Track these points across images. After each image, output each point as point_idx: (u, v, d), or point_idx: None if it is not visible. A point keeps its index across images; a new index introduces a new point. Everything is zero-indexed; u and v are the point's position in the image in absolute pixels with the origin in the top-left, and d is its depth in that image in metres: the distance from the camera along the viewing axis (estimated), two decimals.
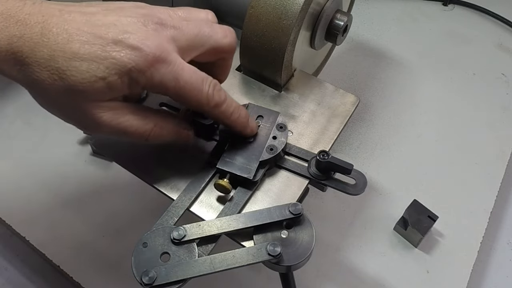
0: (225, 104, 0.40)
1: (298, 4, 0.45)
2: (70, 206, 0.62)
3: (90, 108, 0.35)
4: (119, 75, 0.34)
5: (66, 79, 0.33)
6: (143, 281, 0.36)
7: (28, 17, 0.33)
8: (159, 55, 0.35)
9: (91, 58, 0.33)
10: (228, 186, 0.41)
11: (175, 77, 0.36)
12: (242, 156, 0.43)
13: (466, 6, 0.89)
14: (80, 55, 0.33)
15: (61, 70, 0.33)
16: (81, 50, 0.33)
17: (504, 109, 0.75)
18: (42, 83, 0.33)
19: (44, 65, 0.33)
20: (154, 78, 0.35)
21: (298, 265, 0.39)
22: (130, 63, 0.34)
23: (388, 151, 0.69)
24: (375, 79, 0.77)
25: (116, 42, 0.34)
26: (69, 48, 0.33)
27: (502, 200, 0.67)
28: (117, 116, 0.36)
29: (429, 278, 0.58)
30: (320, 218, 0.62)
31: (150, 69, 0.35)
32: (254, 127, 0.44)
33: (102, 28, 0.34)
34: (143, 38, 0.35)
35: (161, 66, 0.35)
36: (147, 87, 0.36)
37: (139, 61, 0.34)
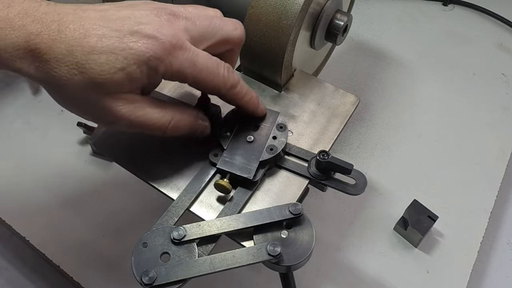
0: (239, 85, 0.41)
1: (298, 4, 0.45)
2: (70, 206, 0.62)
3: (109, 101, 0.35)
4: (137, 65, 0.35)
5: (85, 73, 0.34)
6: (143, 281, 0.36)
7: (44, 16, 0.34)
8: (175, 43, 0.36)
9: (109, 50, 0.34)
10: (228, 186, 0.41)
11: (192, 63, 0.37)
12: (242, 156, 0.43)
13: (466, 6, 0.89)
14: (98, 48, 0.34)
15: (80, 64, 0.34)
16: (99, 43, 0.34)
17: (504, 109, 0.75)
18: (61, 79, 0.34)
19: (63, 61, 0.33)
20: (173, 65, 0.36)
21: (298, 265, 0.39)
22: (148, 52, 0.35)
23: (388, 151, 0.69)
24: (375, 79, 0.77)
25: (132, 33, 0.35)
26: (86, 42, 0.34)
27: (502, 200, 0.67)
28: (136, 109, 0.37)
29: (429, 278, 0.58)
30: (320, 218, 0.62)
31: (168, 56, 0.35)
32: (263, 108, 0.45)
33: (117, 22, 0.35)
34: (158, 27, 0.36)
35: (178, 53, 0.36)
36: (166, 75, 0.36)
37: (157, 50, 0.35)
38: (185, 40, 0.37)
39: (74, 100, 0.36)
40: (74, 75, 0.34)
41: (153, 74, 0.36)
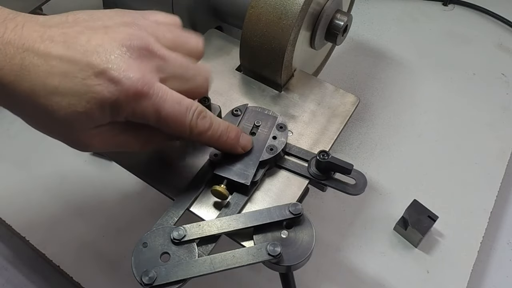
0: (210, 131, 0.39)
1: (298, 4, 0.45)
2: (70, 206, 0.62)
3: (78, 135, 0.35)
4: (100, 108, 0.33)
5: (49, 113, 0.33)
6: (143, 281, 0.36)
7: (7, 47, 0.32)
8: (141, 89, 0.34)
9: (72, 93, 0.33)
10: (225, 192, 0.41)
11: (156, 109, 0.35)
12: (239, 161, 0.43)
13: (466, 6, 0.89)
14: (60, 90, 0.33)
15: (43, 105, 0.33)
16: (62, 84, 0.33)
17: (504, 109, 0.75)
18: (28, 115, 0.34)
19: (26, 100, 0.33)
20: (136, 110, 0.35)
21: (298, 265, 0.39)
22: (111, 97, 0.33)
23: (388, 151, 0.69)
24: (375, 79, 0.77)
25: (98, 74, 0.33)
26: (50, 82, 0.33)
27: (502, 200, 0.67)
28: (107, 139, 0.36)
29: (429, 278, 0.58)
30: (320, 218, 0.62)
31: (131, 102, 0.34)
32: (246, 144, 0.43)
33: (84, 56, 0.33)
34: (126, 69, 0.34)
35: (143, 99, 0.34)
36: (129, 118, 0.35)
37: (120, 95, 0.33)
38: (153, 83, 0.35)
39: (45, 130, 0.36)
40: (39, 114, 0.33)
41: (116, 116, 0.35)
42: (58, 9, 0.77)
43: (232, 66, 0.53)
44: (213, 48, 0.54)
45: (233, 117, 0.46)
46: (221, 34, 0.57)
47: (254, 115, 0.46)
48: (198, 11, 0.57)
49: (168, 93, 0.36)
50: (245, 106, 0.46)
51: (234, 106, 0.46)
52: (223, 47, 0.55)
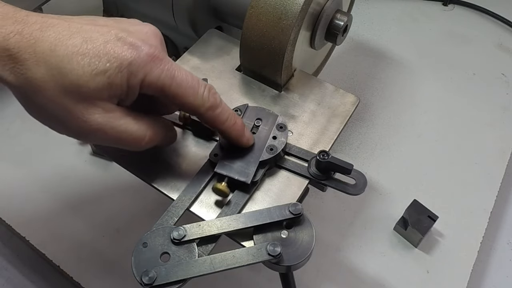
0: (220, 108, 0.40)
1: (298, 4, 0.45)
2: (70, 206, 0.62)
3: (85, 108, 0.34)
4: (119, 69, 0.34)
5: (66, 74, 0.33)
6: (143, 281, 0.36)
7: (26, 18, 0.33)
8: (157, 54, 0.36)
9: (94, 53, 0.34)
10: (226, 190, 0.41)
11: (172, 74, 0.36)
12: (240, 159, 0.43)
13: (466, 6, 0.89)
14: (82, 50, 0.33)
15: (61, 64, 0.33)
16: (84, 45, 0.34)
17: (504, 109, 0.75)
18: (36, 81, 0.33)
19: (43, 60, 0.33)
20: (153, 73, 0.36)
21: (298, 265, 0.39)
22: (130, 57, 0.35)
23: (388, 151, 0.69)
24: (375, 79, 0.77)
25: (118, 38, 0.35)
26: (71, 43, 0.33)
27: (502, 200, 0.67)
28: (112, 120, 0.36)
29: (429, 278, 0.58)
30: (320, 218, 0.62)
31: (149, 64, 0.35)
32: (250, 137, 0.43)
33: (104, 28, 0.35)
34: (144, 39, 0.36)
35: (159, 63, 0.36)
36: (145, 84, 0.36)
37: (139, 56, 0.35)
38: (165, 54, 0.37)
39: (46, 108, 0.34)
40: (53, 76, 0.33)
41: (133, 81, 0.35)
42: (58, 9, 0.77)
43: (232, 66, 0.53)
44: (213, 48, 0.54)
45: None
46: (221, 34, 0.57)
47: (255, 113, 0.46)
48: (198, 11, 0.57)
49: (179, 65, 0.38)
50: (245, 106, 0.46)
51: (234, 106, 0.46)
52: (223, 47, 0.55)
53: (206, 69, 0.52)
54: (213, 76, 0.51)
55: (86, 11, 0.71)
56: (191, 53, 0.54)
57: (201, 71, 0.52)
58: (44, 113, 0.35)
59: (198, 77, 0.39)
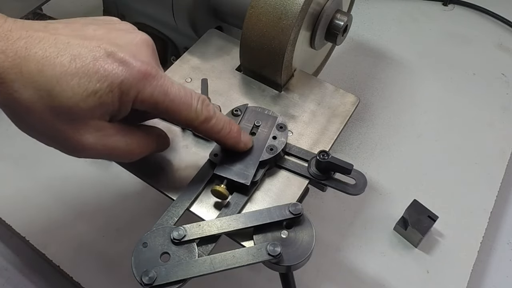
0: (215, 119, 0.39)
1: (298, 4, 0.45)
2: (70, 206, 0.62)
3: (76, 129, 0.34)
4: (110, 88, 0.33)
5: (55, 96, 0.32)
6: (143, 281, 0.36)
7: (9, 33, 0.31)
8: (150, 70, 0.35)
9: (83, 72, 0.32)
10: (225, 192, 0.41)
11: (165, 91, 0.36)
12: (239, 161, 0.43)
13: (466, 6, 0.89)
14: (71, 70, 0.32)
15: (50, 86, 0.31)
16: (72, 64, 0.32)
17: (504, 109, 0.75)
18: (25, 102, 0.31)
19: (31, 81, 0.31)
20: (145, 91, 0.35)
21: (298, 265, 0.39)
22: (122, 75, 0.33)
23: (388, 151, 0.69)
24: (375, 79, 0.77)
25: (108, 55, 0.33)
26: (59, 62, 0.32)
27: (502, 200, 0.67)
28: (104, 138, 0.35)
29: (429, 278, 0.58)
30: (320, 218, 0.62)
31: (141, 81, 0.34)
32: (247, 141, 0.43)
33: (92, 42, 0.34)
34: (133, 52, 0.35)
35: (152, 80, 0.35)
36: (137, 101, 0.35)
37: (130, 74, 0.34)
38: (158, 68, 0.36)
39: (36, 128, 0.34)
40: (41, 97, 0.31)
41: (125, 100, 0.34)
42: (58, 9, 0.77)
43: (232, 66, 0.53)
44: (213, 48, 0.54)
45: (233, 117, 0.46)
46: (221, 34, 0.57)
47: (254, 115, 0.46)
48: (198, 11, 0.57)
49: (172, 80, 0.37)
50: (245, 106, 0.46)
51: (234, 106, 0.46)
52: (223, 47, 0.55)
53: (206, 69, 0.52)
54: (213, 76, 0.51)
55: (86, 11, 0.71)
56: (191, 53, 0.54)
57: (201, 71, 0.52)
58: (34, 131, 0.34)
59: (198, 77, 0.39)
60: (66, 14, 0.65)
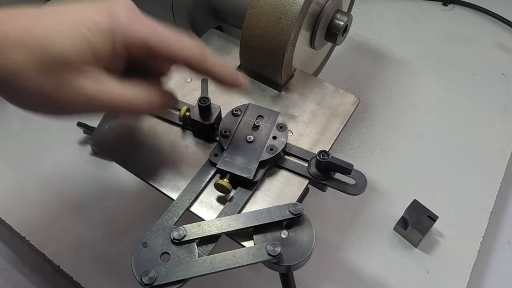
0: (207, 50, 0.39)
1: (298, 4, 0.45)
2: (70, 206, 0.62)
3: (73, 77, 0.33)
4: (100, 34, 0.34)
5: (46, 50, 0.32)
6: (143, 281, 0.36)
7: None
8: (138, 16, 0.36)
9: (71, 25, 0.33)
10: (228, 186, 0.41)
11: (156, 32, 0.36)
12: (242, 156, 0.43)
13: (466, 6, 0.89)
14: (58, 26, 0.33)
15: (40, 43, 0.32)
16: (59, 19, 0.33)
17: (504, 109, 0.75)
18: (18, 65, 0.31)
19: (20, 43, 0.31)
20: (137, 33, 0.35)
21: (298, 265, 0.39)
22: (110, 21, 0.34)
23: (388, 151, 0.69)
24: (375, 79, 0.77)
25: (94, 8, 0.35)
26: (45, 20, 0.33)
27: (502, 200, 0.67)
28: (103, 85, 0.35)
29: (429, 278, 0.58)
30: (320, 218, 0.62)
31: (131, 25, 0.35)
32: (243, 79, 0.41)
33: (76, 5, 0.35)
34: (120, 4, 0.36)
35: (140, 21, 0.36)
36: (131, 46, 0.35)
37: (118, 20, 0.35)
38: (143, 15, 0.37)
39: (33, 90, 0.33)
40: (33, 56, 0.32)
41: (117, 44, 0.35)
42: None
43: (232, 66, 0.53)
44: (213, 48, 0.54)
45: (233, 117, 0.46)
46: (221, 34, 0.57)
47: (256, 110, 0.46)
48: (198, 11, 0.57)
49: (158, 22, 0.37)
50: (246, 106, 0.46)
51: (234, 106, 0.46)
52: (223, 47, 0.55)
53: None
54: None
55: None
56: None
57: None
58: (31, 97, 0.34)
59: (198, 77, 0.38)
60: None
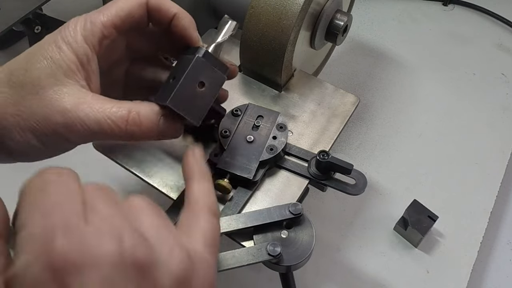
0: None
1: (298, 4, 0.45)
2: None
3: (54, 91, 0.33)
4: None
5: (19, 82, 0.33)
6: None
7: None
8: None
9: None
10: (228, 186, 0.41)
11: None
12: (242, 156, 0.43)
13: (466, 6, 0.89)
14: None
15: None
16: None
17: (504, 109, 0.75)
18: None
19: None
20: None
21: (298, 265, 0.39)
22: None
23: (388, 151, 0.69)
24: (375, 79, 0.77)
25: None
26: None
27: (502, 200, 0.67)
28: (81, 100, 0.33)
29: (429, 278, 0.58)
30: (320, 218, 0.62)
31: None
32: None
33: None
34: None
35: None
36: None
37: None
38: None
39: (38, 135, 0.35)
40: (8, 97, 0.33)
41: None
42: (59, 8, 0.77)
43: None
44: None
45: (233, 117, 0.46)
46: None
47: (256, 110, 0.46)
48: (198, 11, 0.57)
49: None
50: (246, 106, 0.46)
51: (234, 106, 0.46)
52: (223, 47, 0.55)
53: None
54: None
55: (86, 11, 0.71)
56: None
57: None
58: (40, 139, 0.35)
59: None
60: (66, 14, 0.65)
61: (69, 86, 0.33)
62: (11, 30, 0.62)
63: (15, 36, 0.73)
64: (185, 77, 0.35)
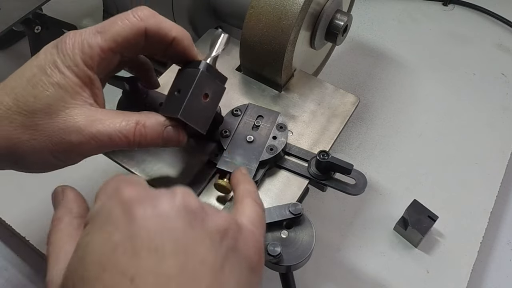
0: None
1: (298, 4, 0.45)
2: None
3: (62, 116, 0.35)
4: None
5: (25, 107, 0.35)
6: None
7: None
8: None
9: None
10: (228, 186, 0.41)
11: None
12: (242, 156, 0.43)
13: (466, 6, 0.89)
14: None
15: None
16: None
17: (504, 109, 0.75)
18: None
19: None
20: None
21: (298, 265, 0.39)
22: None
23: (388, 151, 0.69)
24: (375, 79, 0.77)
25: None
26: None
27: (502, 200, 0.67)
28: (92, 118, 0.36)
29: (429, 278, 0.58)
30: (320, 218, 0.62)
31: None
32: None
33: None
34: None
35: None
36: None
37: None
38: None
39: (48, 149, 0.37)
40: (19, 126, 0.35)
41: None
42: (59, 8, 0.77)
43: (232, 66, 0.53)
44: None
45: (233, 117, 0.46)
46: None
47: (256, 110, 0.46)
48: (198, 11, 0.57)
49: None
50: (246, 106, 0.46)
51: (234, 106, 0.46)
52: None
53: None
54: None
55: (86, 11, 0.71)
56: None
57: None
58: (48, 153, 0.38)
59: None
60: (66, 14, 0.65)
61: (79, 107, 0.36)
62: (11, 30, 0.62)
63: (15, 36, 0.73)
64: (193, 90, 0.37)
